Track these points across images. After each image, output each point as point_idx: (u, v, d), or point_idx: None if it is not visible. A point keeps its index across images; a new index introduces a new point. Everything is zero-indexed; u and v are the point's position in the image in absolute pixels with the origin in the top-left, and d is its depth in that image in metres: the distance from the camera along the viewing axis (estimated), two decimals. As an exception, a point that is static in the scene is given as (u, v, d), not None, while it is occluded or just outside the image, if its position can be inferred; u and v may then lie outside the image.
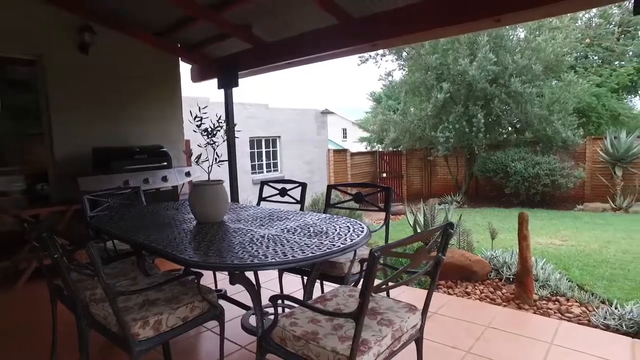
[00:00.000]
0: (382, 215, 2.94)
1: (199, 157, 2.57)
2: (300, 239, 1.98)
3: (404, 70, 14.64)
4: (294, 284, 3.69)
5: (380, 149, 15.77)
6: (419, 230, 4.79)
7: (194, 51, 5.50)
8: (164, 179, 5.01)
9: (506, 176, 11.46)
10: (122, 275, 2.46)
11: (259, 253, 1.78)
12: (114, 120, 5.13)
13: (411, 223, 5.04)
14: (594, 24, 14.50)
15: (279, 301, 1.75)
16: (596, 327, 3.13)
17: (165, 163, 5.11)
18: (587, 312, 3.53)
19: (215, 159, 2.63)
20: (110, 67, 5.06)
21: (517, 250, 3.71)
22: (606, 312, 3.22)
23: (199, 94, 10.60)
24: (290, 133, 14.08)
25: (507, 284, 4.07)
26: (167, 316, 1.90)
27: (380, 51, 14.53)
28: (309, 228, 2.21)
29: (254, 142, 13.27)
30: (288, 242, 1.94)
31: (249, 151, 12.94)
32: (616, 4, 10.35)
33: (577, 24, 13.54)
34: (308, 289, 2.26)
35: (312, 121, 15.15)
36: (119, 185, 4.33)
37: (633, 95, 14.51)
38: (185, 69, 5.89)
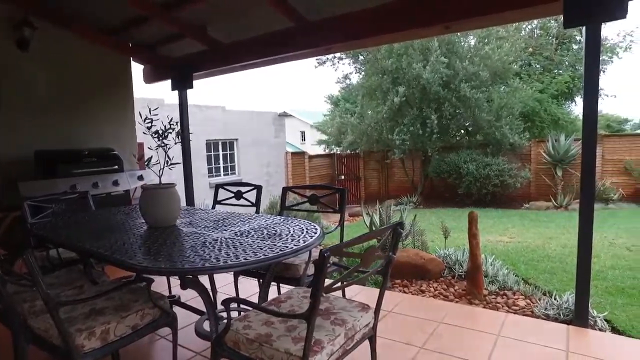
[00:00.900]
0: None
1: (149, 159, 2.50)
2: (253, 242, 1.97)
3: (360, 73, 14.89)
4: (251, 288, 3.65)
5: (339, 152, 15.94)
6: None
7: (147, 51, 5.34)
8: (115, 183, 4.82)
9: (459, 177, 11.93)
10: (67, 285, 2.35)
11: (211, 256, 1.75)
12: (61, 122, 4.87)
13: (367, 224, 5.14)
14: (535, 35, 15.41)
15: (233, 305, 1.74)
16: (538, 317, 3.32)
17: (117, 166, 4.92)
18: (531, 304, 3.74)
19: (167, 161, 2.56)
20: (55, 65, 4.80)
21: (468, 248, 3.87)
22: (547, 303, 3.42)
23: (153, 95, 10.29)
24: (248, 136, 13.94)
25: (460, 281, 4.23)
26: (115, 325, 1.83)
27: (337, 54, 14.73)
28: (262, 230, 2.21)
29: (211, 145, 13.03)
30: (241, 244, 1.93)
31: (205, 154, 12.68)
32: (553, 17, 11.07)
33: (521, 34, 14.33)
34: (263, 291, 2.25)
35: (270, 124, 15.08)
36: (66, 190, 4.11)
37: (570, 102, 15.54)
38: (138, 69, 5.71)
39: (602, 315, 3.16)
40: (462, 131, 13.41)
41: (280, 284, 2.99)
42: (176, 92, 5.30)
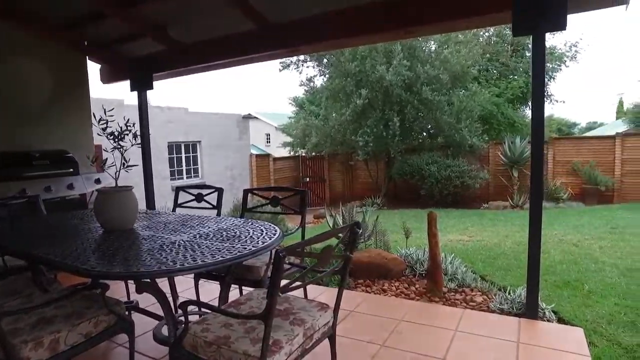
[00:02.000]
0: (308, 218, 3.00)
1: (104, 162, 2.43)
2: (212, 244, 1.95)
3: (324, 76, 15.00)
4: (212, 291, 3.60)
5: (303, 154, 15.97)
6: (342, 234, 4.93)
7: (103, 50, 5.16)
8: (70, 186, 4.63)
9: (421, 179, 12.24)
10: (12, 294, 2.24)
11: (167, 259, 1.73)
12: (10, 123, 4.63)
13: (331, 225, 5.18)
14: (492, 42, 16.06)
15: (192, 308, 1.72)
16: (493, 311, 3.46)
17: (71, 169, 4.73)
18: (488, 299, 3.88)
19: (123, 164, 2.50)
20: (3, 62, 4.55)
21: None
22: (501, 298, 3.57)
23: (114, 95, 9.96)
24: (212, 138, 13.74)
25: (420, 279, 4.34)
26: (66, 334, 1.76)
27: (302, 57, 14.75)
28: (222, 233, 2.19)
29: (173, 147, 12.75)
30: (199, 247, 1.91)
31: (167, 156, 12.39)
32: (505, 25, 11.55)
33: (479, 40, 14.89)
34: (223, 294, 2.23)
35: (234, 126, 14.93)
36: (14, 194, 3.91)
37: (524, 106, 16.33)
38: (96, 68, 5.50)
39: (550, 307, 3.33)
40: (424, 133, 13.76)
41: (242, 287, 2.98)
42: (136, 92, 5.16)
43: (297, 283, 1.58)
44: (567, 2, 2.83)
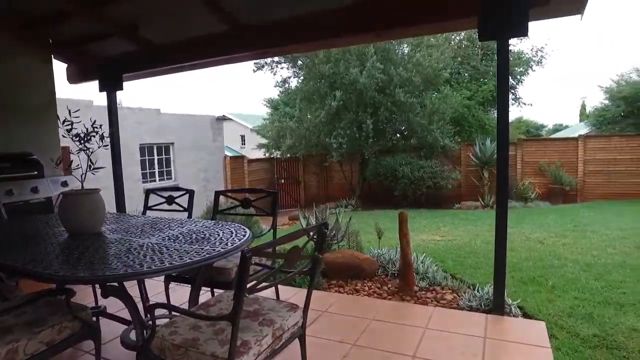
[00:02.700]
0: (283, 220, 3.01)
1: (70, 164, 2.37)
2: (180, 246, 1.94)
3: (299, 78, 15.02)
4: (183, 295, 3.55)
5: (278, 156, 15.94)
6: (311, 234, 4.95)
7: (70, 49, 5.02)
8: (34, 190, 4.48)
9: (395, 179, 12.41)
10: (-29, 301, 2.16)
11: (134, 262, 1.71)
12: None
13: (304, 227, 5.19)
14: (463, 45, 16.48)
15: (161, 311, 1.70)
16: (463, 309, 3.55)
17: (36, 172, 4.57)
18: (457, 297, 3.98)
19: (90, 166, 2.45)
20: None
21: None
22: (470, 295, 3.67)
23: (82, 96, 9.69)
24: (185, 140, 13.54)
25: (393, 279, 4.40)
26: (25, 343, 1.71)
27: (276, 58, 14.73)
28: (191, 235, 2.18)
29: (145, 149, 12.48)
30: (167, 249, 1.89)
31: (139, 159, 12.13)
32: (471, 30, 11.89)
33: (450, 44, 15.24)
34: (193, 296, 2.22)
35: (208, 127, 14.76)
36: (-27, 198, 3.76)
37: (494, 108, 16.84)
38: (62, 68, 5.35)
39: (516, 303, 3.45)
40: (398, 135, 13.97)
41: (214, 289, 2.96)
42: (105, 93, 5.04)
43: (265, 284, 1.59)
44: (528, 11, 2.95)
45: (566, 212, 9.77)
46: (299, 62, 14.39)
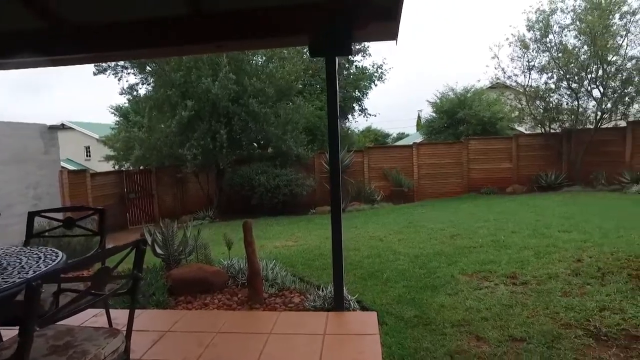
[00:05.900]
0: (134, 237, 2.74)
1: None
2: (-39, 281, 1.63)
3: (148, 85, 14.07)
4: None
5: (129, 168, 14.63)
6: (158, 251, 4.66)
7: None
8: None
9: (252, 189, 12.47)
10: None
11: None
12: None
13: (150, 243, 4.85)
14: (314, 59, 17.54)
15: None
16: (308, 310, 3.74)
17: None
18: (304, 299, 4.17)
19: None
20: None
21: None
22: (315, 296, 3.89)
23: None
24: (5, 152, 11.42)
25: (243, 289, 4.40)
26: None
27: (121, 62, 13.53)
28: (-18, 265, 1.84)
29: (-54, 164, 10.15)
30: (-59, 287, 1.56)
31: None
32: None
33: (302, 57, 16.05)
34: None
35: (38, 138, 12.72)
36: None
37: (344, 119, 18.34)
38: None
39: (354, 298, 3.78)
40: (254, 144, 14.09)
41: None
42: None
43: (65, 311, 1.43)
44: (351, 33, 3.30)
45: (404, 211, 11.11)
46: (148, 68, 13.47)
